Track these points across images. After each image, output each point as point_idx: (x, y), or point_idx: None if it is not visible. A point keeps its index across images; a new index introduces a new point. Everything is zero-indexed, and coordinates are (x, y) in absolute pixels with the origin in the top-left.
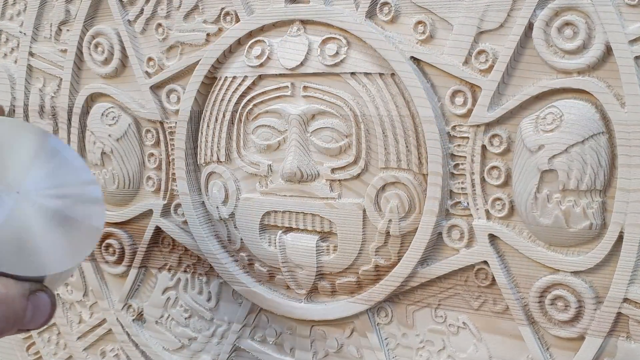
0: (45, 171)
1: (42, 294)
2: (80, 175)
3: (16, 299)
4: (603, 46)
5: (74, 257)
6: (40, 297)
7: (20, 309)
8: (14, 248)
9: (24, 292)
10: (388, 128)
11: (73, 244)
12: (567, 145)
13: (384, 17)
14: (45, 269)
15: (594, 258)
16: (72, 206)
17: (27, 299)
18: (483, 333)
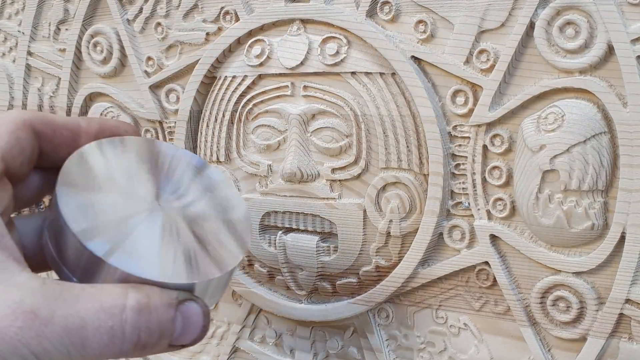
0: (170, 177)
1: (192, 303)
2: (206, 175)
3: (161, 309)
4: (605, 45)
5: (224, 264)
6: (191, 307)
7: (166, 320)
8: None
9: (170, 301)
10: (389, 128)
11: (221, 251)
12: (569, 145)
13: (385, 16)
14: (193, 275)
15: (595, 259)
16: (214, 211)
17: (174, 309)
18: (484, 334)
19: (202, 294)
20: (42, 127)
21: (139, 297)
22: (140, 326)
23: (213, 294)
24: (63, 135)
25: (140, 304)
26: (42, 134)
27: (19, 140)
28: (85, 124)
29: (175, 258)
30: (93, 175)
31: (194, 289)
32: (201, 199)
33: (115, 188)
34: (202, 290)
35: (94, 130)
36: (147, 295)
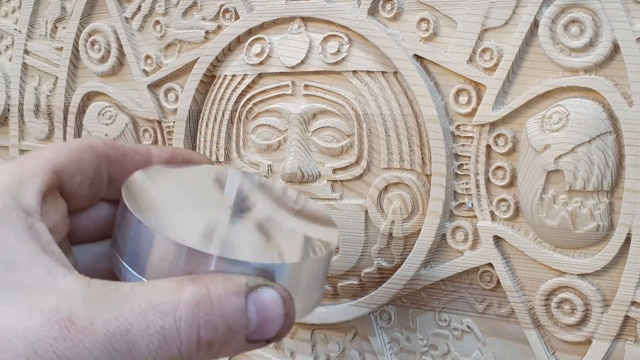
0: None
1: (267, 289)
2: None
3: (225, 298)
4: (610, 44)
5: (312, 251)
6: (265, 294)
7: (233, 311)
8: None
9: (237, 289)
10: (391, 127)
11: (309, 242)
12: (574, 145)
13: (387, 14)
14: (272, 255)
15: (601, 260)
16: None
17: (244, 297)
18: (488, 337)
19: (290, 286)
20: (110, 151)
21: (196, 288)
22: (199, 322)
23: (305, 287)
24: (134, 160)
25: (197, 296)
26: (110, 159)
27: (80, 161)
28: (157, 150)
29: (255, 241)
30: (158, 190)
31: (272, 274)
32: (274, 206)
33: (187, 201)
34: (288, 279)
35: (165, 156)
36: (207, 284)
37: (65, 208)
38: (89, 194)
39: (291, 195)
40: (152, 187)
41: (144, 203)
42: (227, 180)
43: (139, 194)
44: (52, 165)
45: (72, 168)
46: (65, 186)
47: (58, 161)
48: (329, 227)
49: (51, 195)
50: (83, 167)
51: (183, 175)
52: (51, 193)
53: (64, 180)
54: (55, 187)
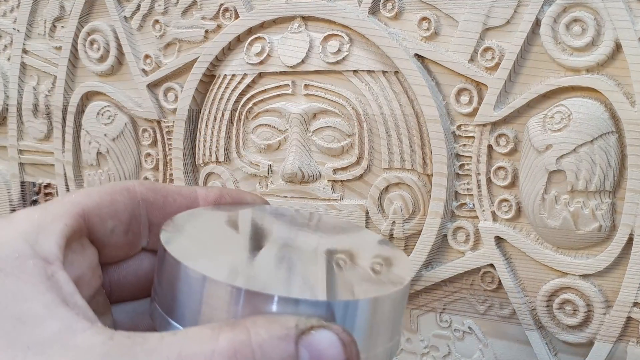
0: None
1: (322, 331)
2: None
3: (270, 344)
4: (612, 43)
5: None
6: (320, 336)
7: (281, 359)
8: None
9: (284, 332)
10: (391, 127)
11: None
12: (576, 145)
13: (388, 14)
14: (329, 292)
15: (603, 261)
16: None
17: (293, 342)
18: (489, 338)
19: (357, 328)
20: (149, 193)
21: (233, 334)
22: None
23: (376, 329)
24: (177, 202)
25: (235, 343)
26: (149, 202)
27: (113, 203)
28: (203, 191)
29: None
30: (200, 232)
31: (332, 312)
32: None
33: (233, 243)
34: (351, 320)
35: (212, 197)
36: (247, 329)
37: (95, 257)
38: (126, 242)
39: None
40: (194, 229)
41: (186, 246)
42: (276, 219)
43: (181, 237)
44: (78, 208)
45: (103, 211)
46: (96, 232)
47: (86, 203)
48: (400, 260)
49: (77, 242)
50: (116, 210)
51: (229, 216)
52: (77, 239)
53: (93, 225)
54: (82, 232)
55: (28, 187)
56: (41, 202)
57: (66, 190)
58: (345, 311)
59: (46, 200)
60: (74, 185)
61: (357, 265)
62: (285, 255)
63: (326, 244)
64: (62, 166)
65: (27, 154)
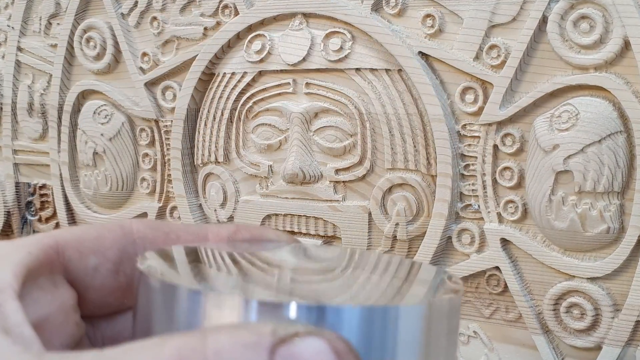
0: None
1: (309, 339)
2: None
3: (231, 354)
4: (621, 40)
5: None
6: (306, 345)
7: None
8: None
9: (255, 340)
10: (395, 127)
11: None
12: (584, 145)
13: (391, 10)
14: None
15: (611, 263)
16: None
17: (268, 352)
18: (495, 342)
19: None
20: (148, 231)
21: (183, 342)
22: None
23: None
24: (180, 239)
25: (183, 351)
26: (149, 240)
27: (98, 238)
28: (215, 228)
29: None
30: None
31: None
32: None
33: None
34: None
35: (225, 233)
36: (204, 336)
37: (70, 299)
38: (116, 286)
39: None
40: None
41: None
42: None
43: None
44: (50, 239)
45: (84, 245)
46: (74, 269)
47: (62, 235)
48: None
49: (47, 278)
50: (101, 245)
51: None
52: (46, 274)
53: (70, 261)
54: (53, 266)
55: (23, 188)
56: (36, 203)
57: (62, 191)
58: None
59: (41, 201)
60: (70, 186)
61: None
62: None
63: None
64: (58, 166)
65: (22, 154)
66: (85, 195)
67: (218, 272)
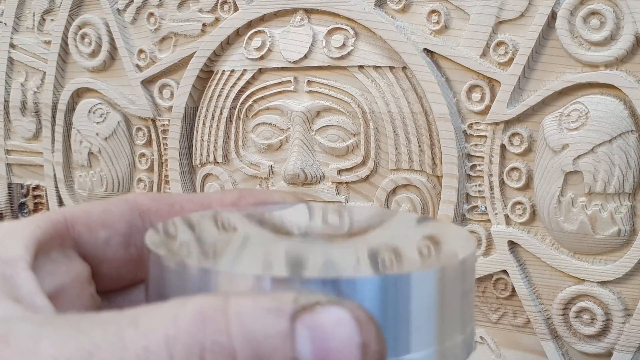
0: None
1: (332, 307)
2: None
3: (251, 317)
4: (632, 37)
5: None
6: (328, 314)
7: (268, 338)
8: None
9: (277, 305)
10: (399, 126)
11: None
12: (594, 145)
13: (395, 6)
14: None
15: (622, 267)
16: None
17: (289, 319)
18: (502, 348)
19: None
20: (151, 203)
21: (205, 300)
22: (204, 343)
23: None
24: (184, 210)
25: (204, 309)
26: (153, 212)
27: (105, 211)
28: (218, 195)
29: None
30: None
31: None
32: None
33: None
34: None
35: (230, 199)
36: (226, 297)
37: (85, 271)
38: (128, 259)
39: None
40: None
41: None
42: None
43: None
44: (59, 215)
45: (92, 219)
46: (86, 243)
47: (69, 211)
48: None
49: (59, 251)
50: (109, 219)
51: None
52: (58, 248)
53: (81, 235)
54: (64, 240)
55: (16, 189)
56: (29, 204)
57: (56, 192)
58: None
59: (34, 202)
60: (64, 187)
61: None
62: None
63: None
64: (52, 167)
65: (15, 154)
66: (80, 197)
67: (227, 244)
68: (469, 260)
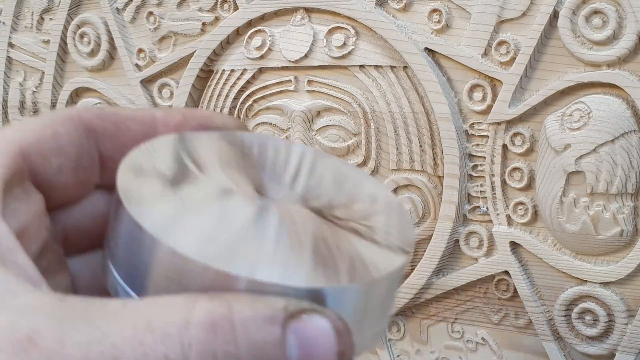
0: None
1: (315, 317)
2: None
3: (254, 325)
4: (635, 36)
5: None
6: (313, 325)
7: (266, 344)
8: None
9: (271, 314)
10: (400, 126)
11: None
12: (596, 145)
13: (396, 5)
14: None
15: (625, 268)
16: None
17: (280, 326)
18: (504, 350)
19: (349, 314)
20: (97, 121)
21: (213, 306)
22: (216, 351)
23: (369, 315)
24: (131, 130)
25: (214, 317)
26: (98, 132)
27: (55, 136)
28: (162, 114)
29: (299, 259)
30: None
31: (322, 298)
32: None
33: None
34: (347, 306)
35: (174, 122)
36: (229, 304)
37: (41, 204)
38: (76, 181)
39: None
40: (155, 172)
41: (144, 193)
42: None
43: (140, 185)
44: (16, 147)
45: (45, 147)
46: (40, 173)
47: (24, 139)
48: (401, 223)
49: (19, 187)
50: (60, 145)
51: (195, 150)
52: (18, 183)
53: (35, 165)
54: (23, 174)
55: None
56: None
57: None
58: (338, 297)
59: None
60: None
61: (348, 232)
62: (265, 218)
63: (315, 197)
64: None
65: None
66: None
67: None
68: (409, 257)
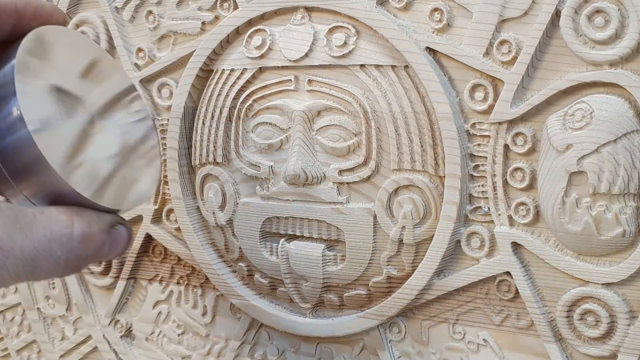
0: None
1: (121, 227)
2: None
3: (97, 236)
4: (637, 36)
5: (148, 187)
6: (119, 231)
7: (99, 245)
8: (93, 177)
9: (104, 227)
10: (401, 126)
11: (144, 174)
12: (598, 145)
13: (397, 4)
14: (123, 201)
15: (627, 268)
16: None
17: (105, 234)
18: (505, 351)
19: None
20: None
21: (83, 226)
22: (82, 254)
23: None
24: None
25: (84, 234)
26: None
27: None
28: (21, 4)
29: (108, 179)
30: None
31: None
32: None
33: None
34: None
35: (29, 14)
36: (89, 223)
37: None
38: None
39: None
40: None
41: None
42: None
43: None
44: None
45: None
46: None
47: None
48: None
49: None
50: None
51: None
52: None
53: None
54: None
55: None
56: None
57: None
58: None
59: None
60: None
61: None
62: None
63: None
64: None
65: None
66: None
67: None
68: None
